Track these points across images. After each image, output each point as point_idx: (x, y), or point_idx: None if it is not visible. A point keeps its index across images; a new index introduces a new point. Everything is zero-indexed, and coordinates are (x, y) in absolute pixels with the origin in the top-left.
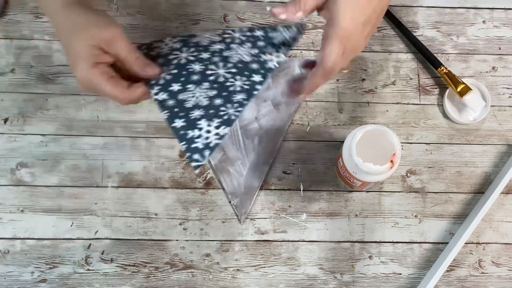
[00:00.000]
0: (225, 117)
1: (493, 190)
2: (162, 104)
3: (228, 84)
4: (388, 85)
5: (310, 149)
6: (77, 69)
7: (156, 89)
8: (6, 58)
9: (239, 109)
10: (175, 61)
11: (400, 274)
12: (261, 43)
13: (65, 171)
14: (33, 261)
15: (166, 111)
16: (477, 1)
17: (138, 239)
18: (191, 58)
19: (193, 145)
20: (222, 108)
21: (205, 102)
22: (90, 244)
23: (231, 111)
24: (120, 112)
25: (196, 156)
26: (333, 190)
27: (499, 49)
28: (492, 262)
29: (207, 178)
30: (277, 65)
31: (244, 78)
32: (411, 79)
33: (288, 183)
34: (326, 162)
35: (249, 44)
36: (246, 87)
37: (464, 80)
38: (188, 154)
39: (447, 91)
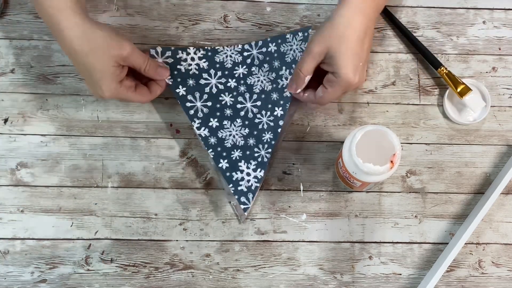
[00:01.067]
0: (259, 159)
1: (493, 191)
2: (205, 141)
3: (257, 121)
4: (388, 85)
5: (310, 150)
6: (105, 89)
7: (197, 122)
8: (6, 58)
9: (269, 150)
10: (207, 89)
11: (400, 274)
12: (276, 63)
13: (65, 171)
14: (33, 261)
15: (211, 150)
16: (477, 2)
17: (138, 239)
18: (221, 86)
19: (239, 188)
20: (256, 150)
21: (241, 142)
22: (90, 244)
23: (263, 152)
24: (120, 113)
25: (243, 199)
26: (333, 191)
27: (499, 49)
28: (492, 262)
29: (207, 179)
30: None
31: (268, 113)
32: (411, 79)
33: (288, 184)
34: (326, 163)
35: (266, 66)
36: (271, 124)
37: (464, 80)
38: (236, 197)
39: (447, 91)
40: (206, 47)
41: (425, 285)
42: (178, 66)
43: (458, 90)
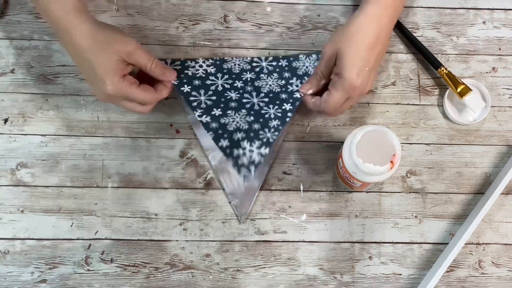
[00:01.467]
0: (264, 140)
1: (493, 191)
2: (206, 125)
3: (263, 112)
4: (388, 85)
5: (310, 150)
6: (108, 83)
7: (199, 111)
8: (6, 58)
9: (276, 133)
10: (212, 87)
11: (400, 274)
12: (287, 74)
13: (65, 171)
14: (33, 262)
15: (211, 132)
16: (477, 2)
17: (138, 240)
18: (227, 86)
19: (240, 162)
20: (261, 132)
21: (245, 126)
22: (90, 244)
23: (268, 134)
24: (120, 113)
25: (243, 171)
26: (333, 191)
27: (499, 49)
28: (492, 262)
29: (207, 179)
30: (302, 95)
31: (276, 107)
32: (411, 79)
33: (288, 184)
34: (326, 163)
35: (276, 75)
36: (279, 114)
37: (464, 80)
38: (235, 168)
39: (447, 91)
40: (215, 58)
41: (425, 285)
42: (186, 71)
43: (458, 90)
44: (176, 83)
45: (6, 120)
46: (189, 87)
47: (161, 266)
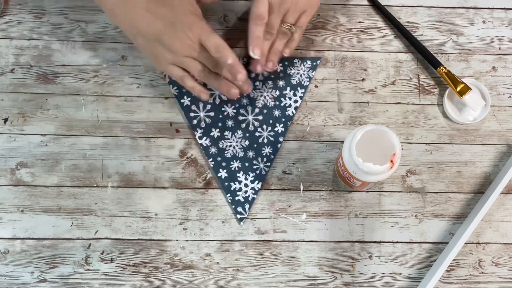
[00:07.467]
0: (258, 171)
1: (493, 190)
2: (206, 151)
3: (257, 134)
4: (388, 85)
5: (310, 149)
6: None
7: (199, 132)
8: (6, 58)
9: (268, 163)
10: (210, 100)
11: (400, 274)
12: (281, 83)
13: (65, 171)
14: (33, 261)
15: (211, 160)
16: (477, 1)
17: (138, 239)
18: (224, 97)
19: (236, 198)
20: (255, 162)
21: (241, 153)
22: (90, 244)
23: (261, 165)
24: (120, 112)
25: (239, 209)
26: (333, 190)
27: (499, 49)
28: (492, 262)
29: (207, 178)
30: (294, 112)
31: (269, 128)
32: (411, 79)
33: (288, 183)
34: (326, 162)
35: (270, 83)
36: (271, 138)
37: (464, 80)
38: (233, 206)
39: (447, 91)
40: None
41: (425, 285)
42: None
43: (458, 89)
44: (176, 93)
45: (6, 120)
46: (189, 99)
47: (161, 266)
